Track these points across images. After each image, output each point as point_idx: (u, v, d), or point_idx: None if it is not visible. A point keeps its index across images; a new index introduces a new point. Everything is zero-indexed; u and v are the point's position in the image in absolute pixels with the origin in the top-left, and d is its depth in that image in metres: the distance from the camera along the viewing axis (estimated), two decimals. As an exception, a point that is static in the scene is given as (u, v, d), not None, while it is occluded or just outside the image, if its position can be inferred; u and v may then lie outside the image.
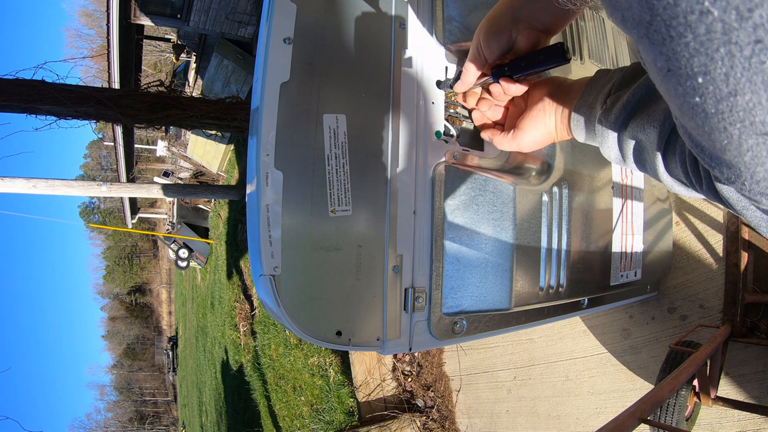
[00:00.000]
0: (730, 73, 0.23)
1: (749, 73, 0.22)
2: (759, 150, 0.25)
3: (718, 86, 0.24)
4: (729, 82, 0.23)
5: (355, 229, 0.74)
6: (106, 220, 34.68)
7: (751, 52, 0.21)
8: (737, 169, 0.28)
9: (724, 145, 0.27)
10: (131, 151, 8.75)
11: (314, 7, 0.72)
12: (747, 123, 0.24)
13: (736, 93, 0.23)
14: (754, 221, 0.39)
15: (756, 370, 1.55)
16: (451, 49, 0.87)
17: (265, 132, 0.66)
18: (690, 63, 0.24)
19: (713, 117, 0.26)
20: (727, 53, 0.22)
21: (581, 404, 2.11)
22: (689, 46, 0.23)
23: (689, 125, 0.30)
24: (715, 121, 0.26)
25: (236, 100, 4.22)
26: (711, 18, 0.21)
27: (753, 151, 0.25)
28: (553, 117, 0.71)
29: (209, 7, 7.51)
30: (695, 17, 0.22)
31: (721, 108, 0.25)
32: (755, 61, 0.21)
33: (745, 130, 0.25)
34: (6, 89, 3.30)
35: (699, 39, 0.23)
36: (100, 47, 18.10)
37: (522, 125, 0.74)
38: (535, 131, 0.73)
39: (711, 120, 0.26)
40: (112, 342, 43.70)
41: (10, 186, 4.49)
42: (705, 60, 0.23)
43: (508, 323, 0.93)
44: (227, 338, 8.46)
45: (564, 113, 0.69)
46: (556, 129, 0.72)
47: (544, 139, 0.74)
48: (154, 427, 35.10)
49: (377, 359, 3.19)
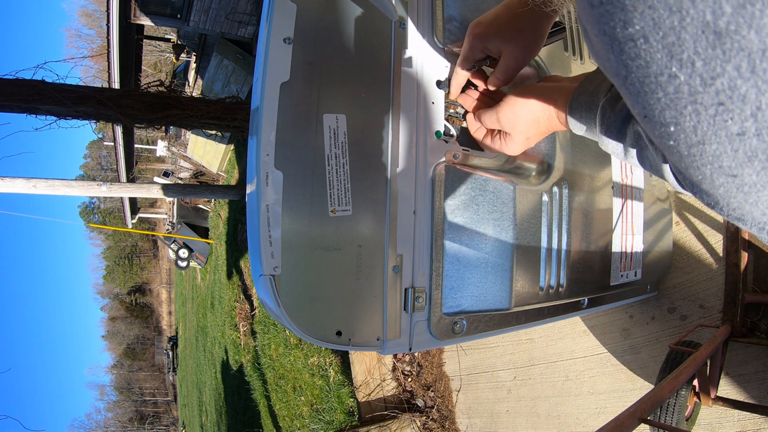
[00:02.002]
0: (698, 126, 0.25)
1: (714, 128, 0.25)
2: (729, 187, 0.28)
3: (689, 135, 0.26)
4: (697, 133, 0.26)
5: (355, 229, 0.74)
6: (106, 220, 34.69)
7: (714, 112, 0.24)
8: (714, 198, 0.31)
9: (699, 179, 0.30)
10: (131, 151, 8.75)
11: (314, 7, 0.72)
12: (716, 166, 0.27)
13: (704, 142, 0.26)
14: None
15: (756, 370, 1.55)
16: (452, 49, 0.87)
17: (265, 132, 0.66)
18: (663, 114, 0.27)
19: (687, 158, 0.28)
20: (694, 111, 0.25)
21: (581, 404, 2.11)
22: (661, 101, 0.26)
23: (671, 160, 0.33)
24: (689, 161, 0.28)
25: (236, 100, 4.22)
26: (678, 81, 0.24)
27: (724, 187, 0.28)
28: (546, 108, 0.70)
29: (209, 7, 7.51)
30: (664, 79, 0.25)
31: (693, 152, 0.27)
32: (719, 119, 0.24)
33: (714, 171, 0.27)
34: (6, 89, 3.30)
35: (669, 96, 0.25)
36: (100, 47, 18.10)
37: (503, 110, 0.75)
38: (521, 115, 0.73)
39: (685, 160, 0.29)
40: (112, 342, 43.71)
41: (10, 186, 4.49)
42: (675, 114, 0.26)
43: (508, 323, 0.93)
44: (227, 338, 8.46)
45: (562, 99, 0.67)
46: (548, 119, 0.71)
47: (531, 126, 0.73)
48: (154, 427, 35.11)
49: (377, 359, 3.19)
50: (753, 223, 0.30)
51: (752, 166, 0.25)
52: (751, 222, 0.30)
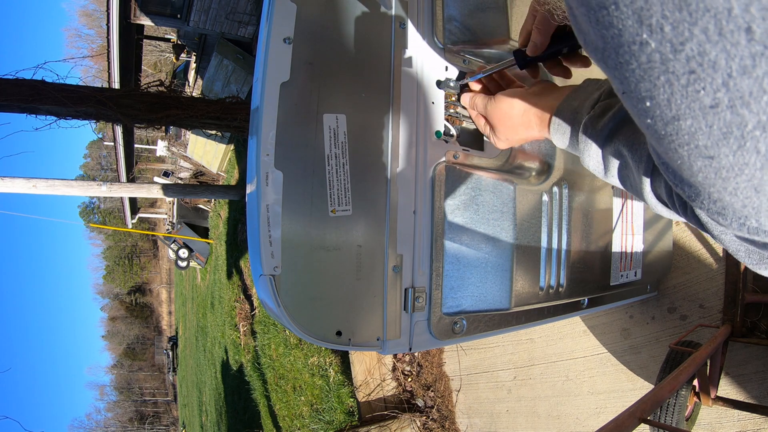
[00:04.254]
0: (672, 99, 0.25)
1: (687, 101, 0.24)
2: (707, 172, 0.27)
3: (663, 111, 0.26)
4: (671, 107, 0.25)
5: (355, 229, 0.74)
6: (106, 220, 34.69)
7: (686, 81, 0.23)
8: (696, 189, 0.30)
9: (679, 164, 0.29)
10: (131, 151, 8.75)
11: (314, 7, 0.72)
12: (692, 146, 0.26)
13: (678, 118, 0.25)
14: (732, 247, 0.38)
15: (756, 370, 1.55)
16: (452, 49, 0.87)
17: (265, 132, 0.66)
18: (638, 88, 0.26)
19: (664, 138, 0.28)
20: (667, 81, 0.24)
21: (581, 404, 2.11)
22: (635, 73, 0.26)
23: (651, 144, 0.32)
24: (667, 142, 0.28)
25: (236, 100, 4.22)
26: (649, 49, 0.24)
27: (702, 172, 0.27)
28: (527, 120, 0.70)
29: (209, 7, 7.51)
30: (636, 47, 0.24)
31: (669, 131, 0.27)
32: (691, 89, 0.23)
33: (692, 153, 0.26)
34: (6, 89, 3.30)
35: (642, 67, 0.25)
36: (100, 47, 18.12)
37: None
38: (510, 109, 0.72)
39: (663, 141, 0.28)
40: (112, 342, 43.70)
41: (10, 186, 4.49)
42: (649, 86, 0.25)
43: (508, 323, 0.93)
44: (227, 338, 8.46)
45: (543, 111, 0.67)
46: (527, 128, 0.71)
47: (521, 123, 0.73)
48: (154, 427, 35.11)
49: (377, 359, 3.19)
50: (734, 218, 0.29)
51: (728, 144, 0.24)
52: (732, 216, 0.29)
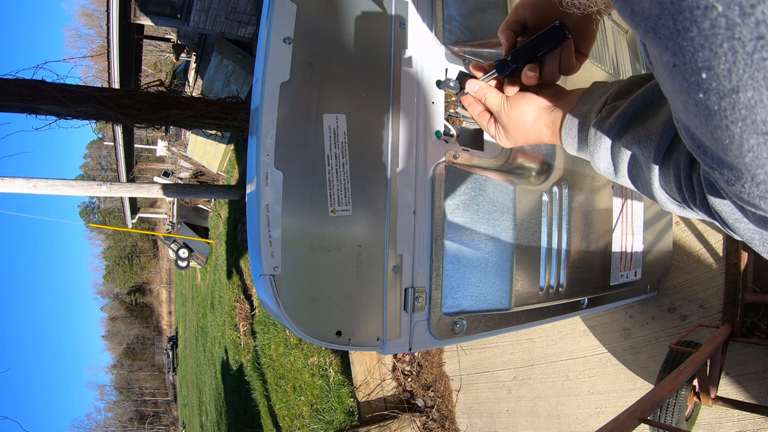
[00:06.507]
0: (733, 69, 0.23)
1: (751, 70, 0.22)
2: (760, 150, 0.25)
3: (721, 82, 0.24)
4: (732, 78, 0.23)
5: (355, 229, 0.74)
6: (106, 220, 34.68)
7: (753, 48, 0.22)
8: (738, 171, 0.28)
9: (726, 144, 0.27)
10: (131, 151, 8.75)
11: (314, 7, 0.72)
12: (748, 121, 0.24)
13: (738, 90, 0.23)
14: (747, 235, 0.38)
15: (756, 370, 1.55)
16: (452, 49, 0.87)
17: (265, 132, 0.66)
18: (695, 58, 0.24)
19: (716, 114, 0.26)
20: (730, 48, 0.22)
21: (581, 404, 2.11)
22: (694, 41, 0.24)
23: (693, 123, 0.30)
24: (718, 118, 0.26)
25: (236, 100, 4.22)
26: (715, 13, 0.22)
27: (754, 151, 0.26)
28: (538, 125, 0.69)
29: (209, 7, 7.51)
30: (700, 12, 0.22)
31: (724, 105, 0.25)
32: (757, 57, 0.22)
33: (746, 129, 0.25)
34: (6, 89, 3.30)
35: (703, 34, 0.23)
36: (100, 47, 18.11)
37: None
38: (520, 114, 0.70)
39: (714, 117, 0.26)
40: (112, 342, 43.70)
41: (10, 186, 4.49)
42: (709, 55, 0.24)
43: (508, 323, 0.93)
44: (227, 338, 8.46)
45: (555, 119, 0.67)
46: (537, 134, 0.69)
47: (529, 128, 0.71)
48: (154, 427, 35.10)
49: (377, 359, 3.19)
50: None
51: None
52: None
